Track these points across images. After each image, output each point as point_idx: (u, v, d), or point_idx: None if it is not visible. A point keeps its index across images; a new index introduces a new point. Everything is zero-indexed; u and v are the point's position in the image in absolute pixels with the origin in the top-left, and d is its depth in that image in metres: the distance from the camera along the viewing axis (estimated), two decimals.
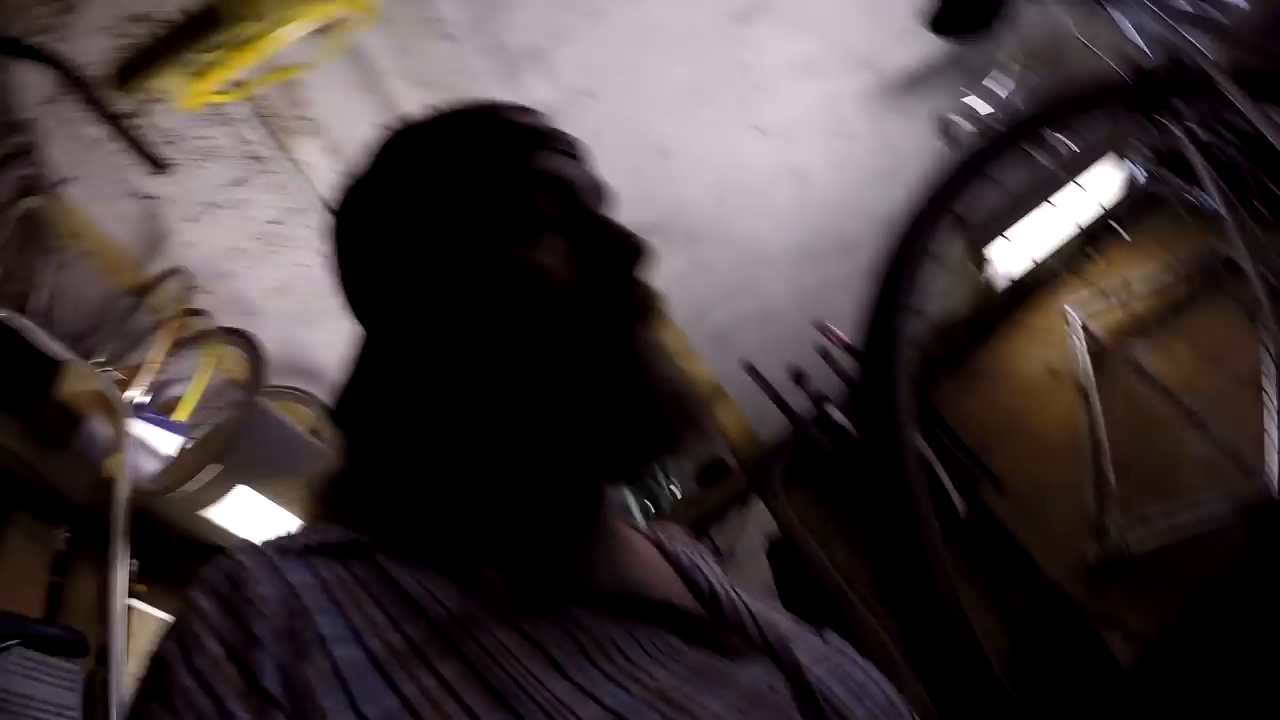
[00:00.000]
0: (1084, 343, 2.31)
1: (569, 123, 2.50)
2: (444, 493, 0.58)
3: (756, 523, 2.63)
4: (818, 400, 2.49)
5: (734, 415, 2.64)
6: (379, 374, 0.64)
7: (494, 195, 0.60)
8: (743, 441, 2.63)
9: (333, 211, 0.69)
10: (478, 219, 0.60)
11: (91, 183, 2.53)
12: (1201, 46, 1.46)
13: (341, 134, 2.69)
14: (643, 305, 0.62)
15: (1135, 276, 2.38)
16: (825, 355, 2.74)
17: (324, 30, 2.45)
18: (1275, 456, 1.66)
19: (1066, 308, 2.41)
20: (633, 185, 3.10)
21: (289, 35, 2.17)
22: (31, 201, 2.21)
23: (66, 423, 1.63)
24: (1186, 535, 1.79)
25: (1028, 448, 2.25)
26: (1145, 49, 1.59)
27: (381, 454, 0.60)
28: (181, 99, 2.07)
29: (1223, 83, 1.30)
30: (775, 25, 3.02)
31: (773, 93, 3.17)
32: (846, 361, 2.64)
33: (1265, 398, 1.64)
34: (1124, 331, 2.32)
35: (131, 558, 1.51)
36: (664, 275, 2.57)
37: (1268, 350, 1.52)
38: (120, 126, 1.78)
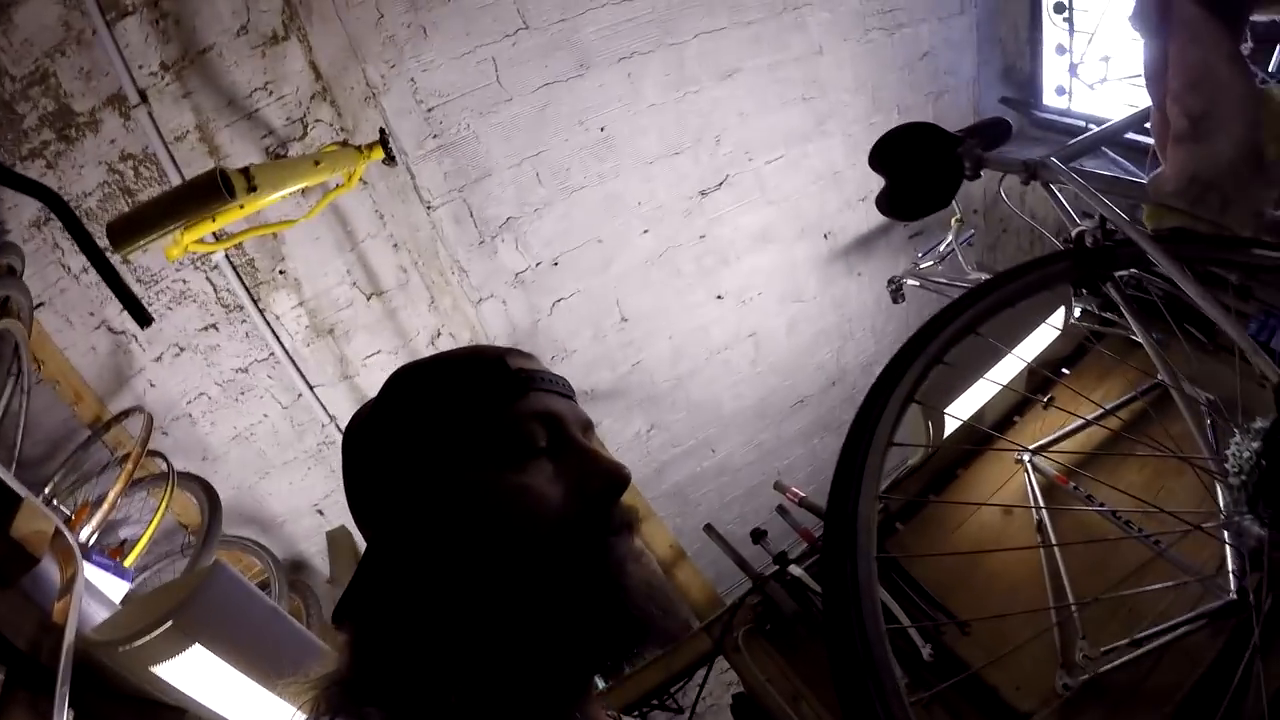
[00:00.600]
0: (1035, 480, 2.39)
1: (536, 289, 2.65)
2: (444, 687, 0.62)
3: (721, 679, 2.58)
4: (778, 558, 2.50)
5: (695, 574, 2.63)
6: (386, 580, 0.67)
7: (492, 428, 0.67)
8: (704, 600, 2.61)
9: (348, 436, 0.74)
10: (477, 448, 0.66)
11: (66, 310, 2.58)
12: (1126, 213, 1.62)
13: (315, 290, 2.78)
14: (622, 522, 0.67)
15: (1081, 409, 2.48)
16: (783, 512, 2.77)
17: (309, 191, 2.59)
18: (1230, 556, 1.71)
19: (1017, 449, 2.50)
20: (594, 349, 3.27)
21: (275, 198, 2.27)
22: (3, 323, 2.17)
23: (17, 562, 1.56)
24: (1156, 652, 1.80)
25: (988, 587, 2.27)
26: (1076, 217, 1.74)
27: (387, 652, 0.64)
28: (168, 249, 2.13)
29: (1156, 254, 1.44)
30: (736, 199, 3.27)
31: (731, 261, 3.38)
32: (804, 518, 2.67)
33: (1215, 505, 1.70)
34: (1074, 463, 2.40)
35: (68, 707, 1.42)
36: (623, 436, 2.67)
37: (1208, 460, 1.61)
38: (112, 278, 1.81)
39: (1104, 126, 2.16)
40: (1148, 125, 1.95)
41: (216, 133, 2.49)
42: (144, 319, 1.87)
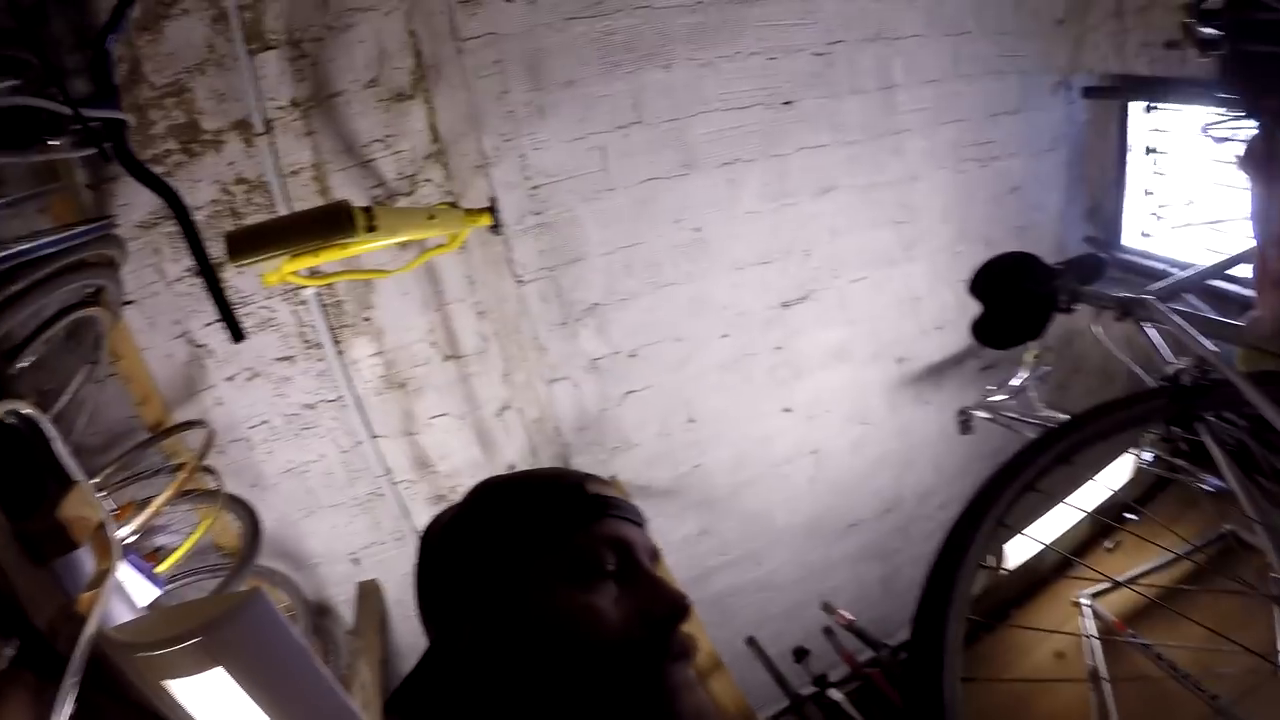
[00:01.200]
0: (1094, 627, 2.30)
1: (610, 377, 2.66)
2: None
3: None
4: (818, 680, 2.41)
5: (730, 686, 2.54)
6: (443, 681, 0.70)
7: (565, 548, 0.70)
8: (737, 713, 2.51)
9: (427, 536, 0.78)
10: (549, 565, 0.69)
11: (153, 313, 2.63)
12: (1223, 354, 1.57)
13: (395, 342, 2.82)
14: (680, 650, 0.69)
15: (1145, 559, 2.41)
16: (829, 634, 2.68)
17: (408, 245, 2.66)
18: None
19: (1077, 593, 2.42)
20: (658, 446, 3.25)
21: (379, 245, 2.33)
22: (93, 310, 2.21)
23: (56, 543, 1.55)
24: None
25: None
26: (1169, 356, 1.71)
27: None
28: (267, 275, 2.19)
29: (1255, 397, 1.40)
30: (816, 315, 3.29)
31: (803, 374, 3.36)
32: (849, 641, 2.59)
33: None
34: (1134, 614, 2.31)
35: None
36: (674, 536, 2.64)
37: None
38: (216, 288, 1.86)
39: (1203, 267, 2.15)
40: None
41: (330, 174, 2.58)
42: (238, 334, 1.92)
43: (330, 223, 1.84)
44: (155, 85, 2.42)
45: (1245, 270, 2.12)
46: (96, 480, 2.55)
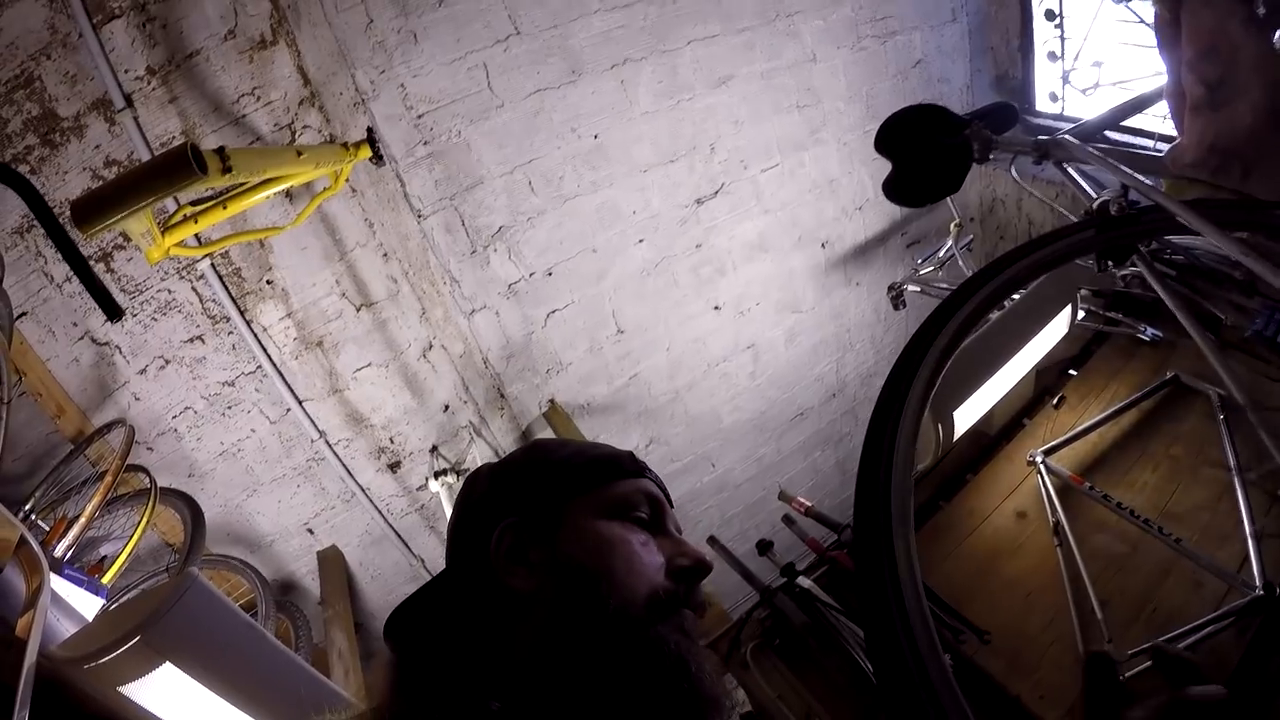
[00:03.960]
0: (1050, 483, 2.33)
1: (530, 300, 2.57)
2: None
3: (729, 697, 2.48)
4: (785, 569, 2.42)
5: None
6: (452, 602, 0.73)
7: (607, 489, 0.77)
8: (711, 616, 2.52)
9: (473, 477, 0.83)
10: (591, 498, 0.75)
11: (48, 321, 2.50)
12: (1153, 185, 1.55)
13: (303, 300, 2.72)
14: (698, 603, 0.73)
15: (1091, 411, 2.45)
16: (789, 522, 2.69)
17: (296, 196, 2.54)
18: (1253, 552, 1.65)
19: (1030, 452, 2.45)
20: (590, 362, 3.20)
21: (259, 198, 2.21)
22: None
23: None
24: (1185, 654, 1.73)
25: (1006, 594, 2.20)
26: (1093, 194, 1.68)
27: (442, 681, 0.66)
28: (149, 251, 2.07)
29: (1186, 216, 1.36)
30: (731, 208, 3.24)
31: (728, 270, 3.33)
32: (812, 528, 2.60)
33: (1238, 496, 1.65)
34: (1087, 466, 2.35)
35: None
36: None
37: (1230, 456, 1.55)
38: (80, 267, 1.73)
39: (1115, 107, 2.12)
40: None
41: (203, 138, 2.44)
42: (113, 311, 1.78)
43: (175, 168, 1.67)
44: (1, 81, 2.25)
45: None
46: (28, 506, 2.45)
